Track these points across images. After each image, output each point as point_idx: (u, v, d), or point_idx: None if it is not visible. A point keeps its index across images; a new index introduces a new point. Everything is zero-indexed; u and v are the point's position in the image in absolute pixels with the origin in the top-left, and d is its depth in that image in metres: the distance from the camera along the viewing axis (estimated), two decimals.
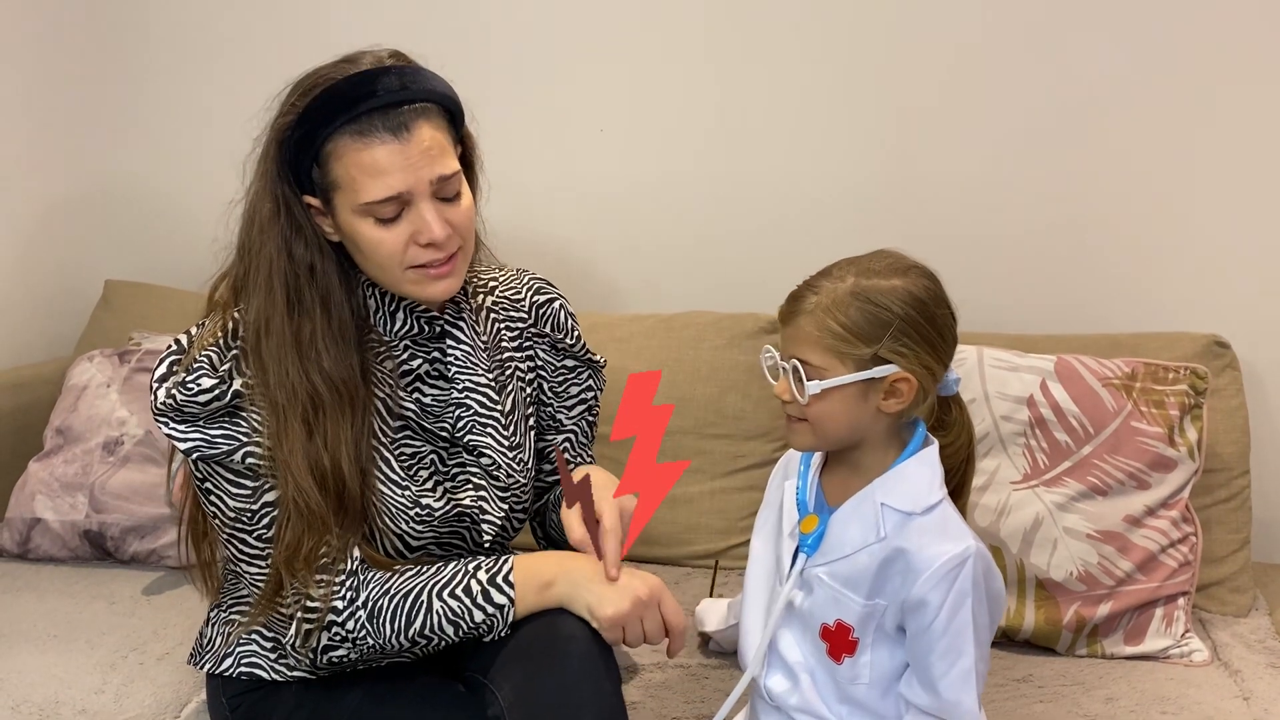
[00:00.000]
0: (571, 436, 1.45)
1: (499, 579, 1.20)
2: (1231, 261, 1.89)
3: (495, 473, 1.32)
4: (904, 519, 1.14)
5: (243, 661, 1.29)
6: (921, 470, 1.16)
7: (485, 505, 1.31)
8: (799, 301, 1.16)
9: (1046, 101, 1.91)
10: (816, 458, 1.25)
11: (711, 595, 1.63)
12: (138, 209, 2.30)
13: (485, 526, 1.31)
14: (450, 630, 1.20)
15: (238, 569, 1.28)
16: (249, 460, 1.21)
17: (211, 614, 1.37)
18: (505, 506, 1.33)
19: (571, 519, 1.24)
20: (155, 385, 1.21)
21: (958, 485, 1.23)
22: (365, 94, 1.17)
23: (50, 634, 1.60)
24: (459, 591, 1.20)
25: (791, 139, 2.01)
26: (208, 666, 1.33)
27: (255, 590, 1.25)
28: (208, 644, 1.34)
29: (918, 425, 1.19)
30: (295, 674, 1.28)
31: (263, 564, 1.24)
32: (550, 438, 1.44)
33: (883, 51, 1.95)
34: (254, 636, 1.30)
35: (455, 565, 1.23)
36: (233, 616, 1.33)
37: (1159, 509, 1.63)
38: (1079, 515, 1.62)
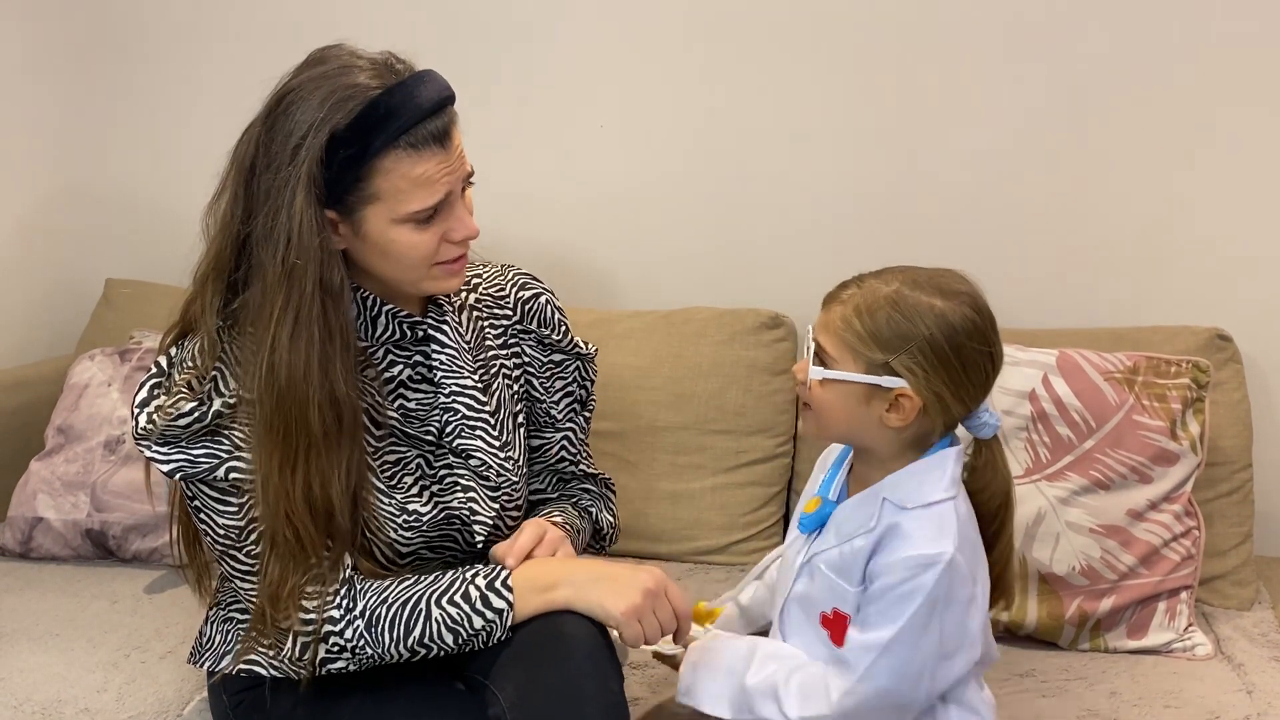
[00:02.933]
0: (569, 434, 1.45)
1: (497, 583, 1.20)
2: (1233, 255, 1.88)
3: (485, 473, 1.32)
4: (898, 511, 1.14)
5: (242, 659, 1.29)
6: (931, 470, 1.15)
7: (475, 506, 1.31)
8: (841, 290, 1.17)
9: (1047, 95, 1.90)
10: (849, 454, 1.25)
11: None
12: (138, 208, 2.30)
13: (477, 528, 1.30)
14: (449, 638, 1.19)
15: (232, 584, 1.28)
16: (232, 475, 1.20)
17: (210, 613, 1.37)
18: (496, 506, 1.32)
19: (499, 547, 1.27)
20: (136, 410, 1.20)
21: (995, 532, 1.20)
22: (414, 107, 1.16)
23: (52, 633, 1.60)
24: (457, 598, 1.19)
25: (792, 134, 2.01)
26: (207, 665, 1.33)
27: (250, 604, 1.24)
28: (207, 643, 1.34)
29: (946, 440, 1.18)
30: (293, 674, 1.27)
31: (254, 579, 1.23)
32: (547, 434, 1.44)
33: (883, 46, 1.95)
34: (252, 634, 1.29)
35: (453, 573, 1.22)
36: (231, 615, 1.33)
37: (1161, 503, 1.63)
38: (1081, 509, 1.62)
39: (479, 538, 1.31)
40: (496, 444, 1.33)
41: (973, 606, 1.13)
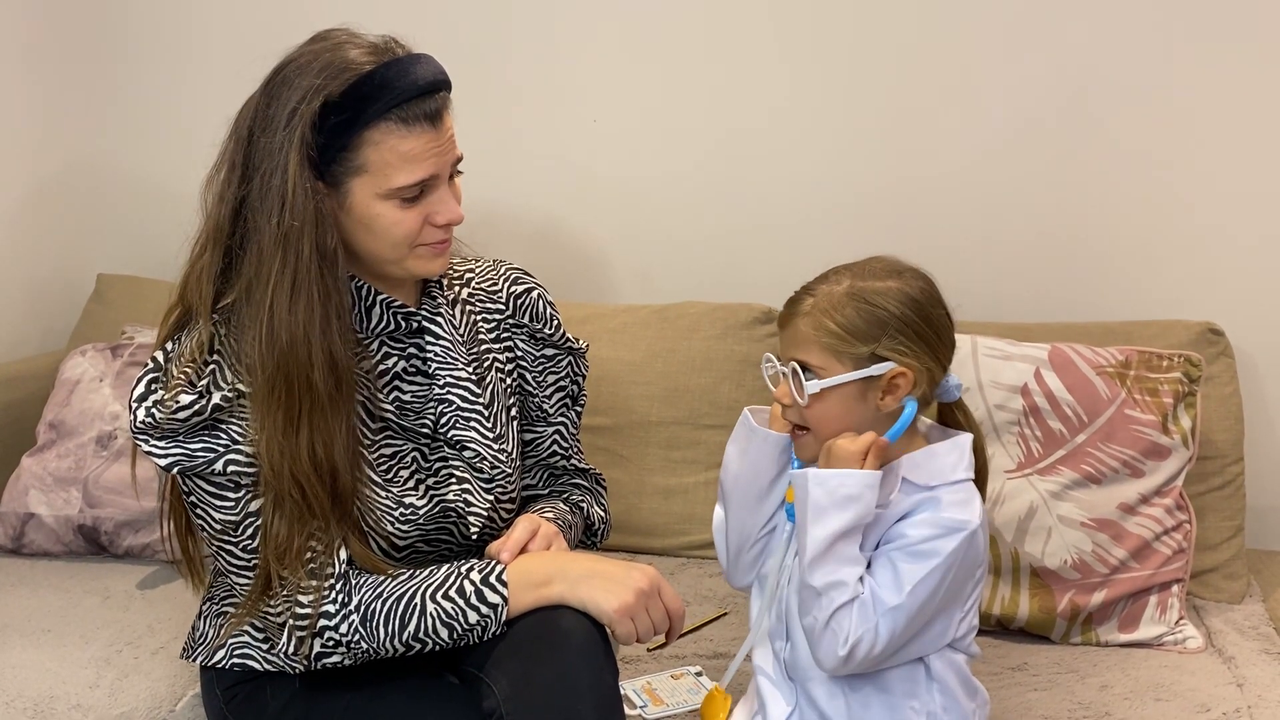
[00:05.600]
0: (561, 429, 1.45)
1: (491, 578, 1.20)
2: (1225, 249, 1.88)
3: (479, 465, 1.32)
4: (920, 490, 1.16)
5: (235, 653, 1.29)
6: (950, 453, 1.18)
7: (470, 498, 1.31)
8: (796, 305, 1.19)
9: (1041, 91, 1.90)
10: None
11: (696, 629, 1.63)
12: (130, 202, 2.29)
13: (471, 519, 1.31)
14: (444, 633, 1.20)
15: (227, 579, 1.28)
16: (230, 469, 1.20)
17: (203, 608, 1.37)
18: (490, 498, 1.33)
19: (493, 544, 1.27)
20: (134, 405, 1.20)
21: (977, 484, 1.22)
22: (408, 84, 1.18)
23: (44, 629, 1.60)
24: (452, 593, 1.20)
25: (787, 129, 2.01)
26: (200, 659, 1.33)
27: (244, 597, 1.25)
28: (200, 637, 1.34)
29: (908, 404, 1.18)
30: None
31: (250, 574, 1.23)
32: (539, 429, 1.44)
33: (879, 42, 1.95)
34: (246, 628, 1.29)
35: (448, 568, 1.23)
36: (225, 609, 1.33)
37: (1153, 497, 1.63)
38: (1073, 503, 1.62)
39: (473, 530, 1.31)
40: (490, 436, 1.33)
41: (971, 582, 1.17)
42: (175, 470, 1.21)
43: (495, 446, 1.34)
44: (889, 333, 1.14)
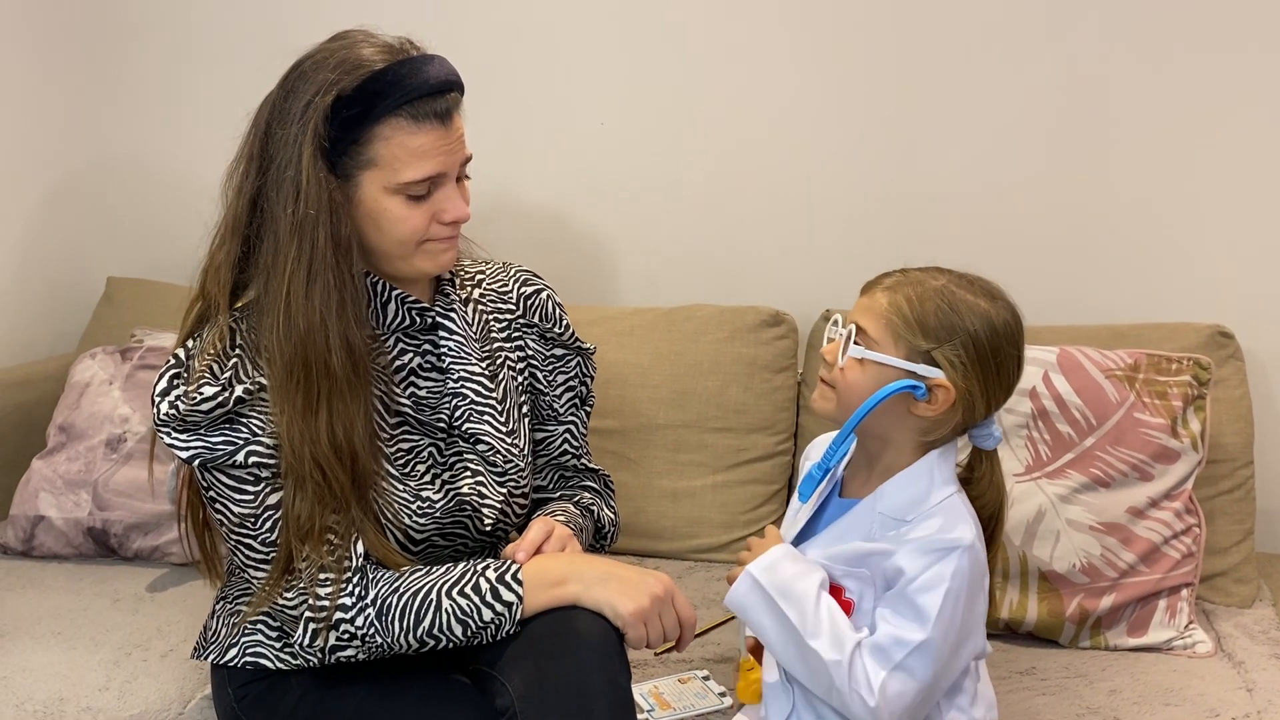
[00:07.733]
0: (571, 428, 1.46)
1: (507, 576, 1.21)
2: (1234, 252, 1.88)
3: (493, 458, 1.34)
4: (898, 524, 1.16)
5: (248, 651, 1.30)
6: (918, 479, 1.17)
7: (484, 490, 1.33)
8: (885, 277, 1.19)
9: (1049, 92, 1.90)
10: (852, 450, 1.26)
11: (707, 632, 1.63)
12: (140, 205, 2.30)
13: (486, 512, 1.33)
14: (459, 630, 1.20)
15: (244, 574, 1.29)
16: (251, 460, 1.21)
17: (216, 606, 1.38)
18: (504, 491, 1.34)
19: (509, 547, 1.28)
20: (157, 399, 1.22)
21: (988, 539, 1.22)
22: (420, 82, 1.21)
23: (54, 631, 1.61)
24: (468, 589, 1.21)
25: (793, 132, 2.01)
26: (212, 657, 1.33)
27: (261, 587, 1.26)
28: (212, 636, 1.35)
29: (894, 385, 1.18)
30: (300, 662, 1.28)
31: (267, 568, 1.25)
32: (550, 428, 1.45)
33: (885, 46, 1.95)
34: (259, 626, 1.31)
35: (464, 565, 1.24)
36: (238, 608, 1.34)
37: (1162, 500, 1.63)
38: (1082, 507, 1.62)
39: (487, 523, 1.33)
40: (503, 430, 1.35)
41: (984, 594, 1.16)
42: (196, 462, 1.22)
43: (508, 440, 1.35)
44: (953, 342, 1.13)
